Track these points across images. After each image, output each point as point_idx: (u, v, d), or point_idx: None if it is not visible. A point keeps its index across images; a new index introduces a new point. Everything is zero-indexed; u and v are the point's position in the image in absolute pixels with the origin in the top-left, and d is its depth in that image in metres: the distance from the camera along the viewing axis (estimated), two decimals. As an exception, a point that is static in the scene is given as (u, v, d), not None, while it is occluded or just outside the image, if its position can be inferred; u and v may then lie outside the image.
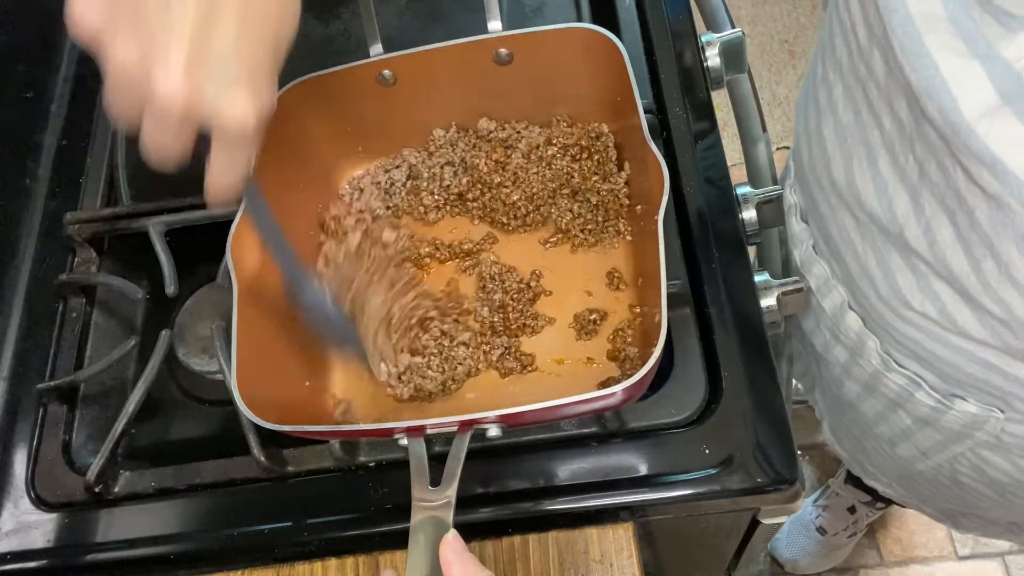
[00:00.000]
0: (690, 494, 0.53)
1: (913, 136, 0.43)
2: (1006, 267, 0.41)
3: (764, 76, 1.72)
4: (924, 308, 0.51)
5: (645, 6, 0.71)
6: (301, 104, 0.60)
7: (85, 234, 0.68)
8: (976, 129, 0.36)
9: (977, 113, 0.36)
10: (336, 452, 0.57)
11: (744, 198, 0.63)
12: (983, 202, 0.40)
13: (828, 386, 0.76)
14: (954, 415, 0.58)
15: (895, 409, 0.65)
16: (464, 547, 0.41)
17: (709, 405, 0.55)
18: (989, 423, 0.56)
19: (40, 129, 0.76)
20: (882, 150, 0.47)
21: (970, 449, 0.61)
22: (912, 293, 0.51)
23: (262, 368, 0.53)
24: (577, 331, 0.59)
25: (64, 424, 0.63)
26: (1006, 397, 0.53)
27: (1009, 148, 0.35)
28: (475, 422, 0.46)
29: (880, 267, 0.53)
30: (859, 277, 0.56)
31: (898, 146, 0.45)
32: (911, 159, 0.44)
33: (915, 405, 0.61)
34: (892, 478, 0.81)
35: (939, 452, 0.65)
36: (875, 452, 0.77)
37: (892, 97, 0.44)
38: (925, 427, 0.63)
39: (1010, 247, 0.40)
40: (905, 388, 0.60)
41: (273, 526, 0.56)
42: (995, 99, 0.35)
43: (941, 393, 0.58)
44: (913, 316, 0.52)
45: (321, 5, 0.78)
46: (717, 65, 0.68)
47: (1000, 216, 0.39)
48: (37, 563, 0.57)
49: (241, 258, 0.54)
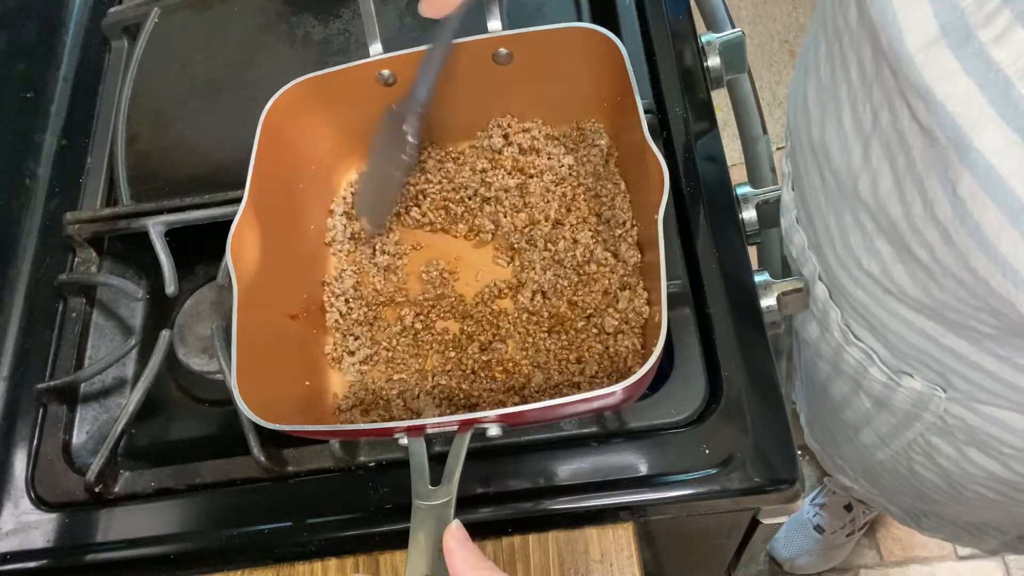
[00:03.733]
0: (690, 494, 0.53)
1: (873, 82, 0.45)
2: (931, 205, 0.42)
3: (764, 76, 1.72)
4: (870, 267, 0.51)
5: (645, 6, 0.71)
6: (301, 104, 0.60)
7: (85, 234, 0.68)
8: (915, 60, 0.38)
9: (918, 44, 0.37)
10: (336, 452, 0.57)
11: (744, 198, 0.63)
12: (919, 138, 0.41)
13: (804, 370, 0.77)
14: (903, 393, 0.58)
15: (856, 390, 0.65)
16: (467, 537, 0.41)
17: (709, 405, 0.55)
18: (933, 402, 0.57)
19: (40, 129, 0.76)
20: (846, 104, 0.48)
21: (920, 435, 0.62)
22: (860, 252, 0.52)
23: (262, 368, 0.53)
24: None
25: (64, 424, 0.63)
26: (946, 373, 0.53)
27: (939, 79, 0.37)
28: (475, 421, 0.46)
29: (838, 227, 0.54)
30: (823, 240, 0.57)
31: (860, 97, 0.47)
32: (867, 108, 0.46)
33: (870, 383, 0.61)
34: (858, 471, 0.82)
35: (895, 438, 0.65)
36: (843, 441, 0.78)
37: (860, 44, 0.45)
38: (882, 410, 0.64)
39: (935, 184, 0.41)
40: (860, 363, 0.61)
41: (273, 526, 0.56)
42: (935, 31, 0.37)
43: (891, 368, 0.58)
44: (862, 277, 0.53)
45: (321, 5, 0.78)
46: (717, 65, 0.68)
47: (932, 152, 0.40)
48: (37, 563, 0.57)
49: (241, 258, 0.54)
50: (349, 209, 0.65)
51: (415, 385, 0.58)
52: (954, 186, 0.39)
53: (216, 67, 0.77)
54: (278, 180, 0.60)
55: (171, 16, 0.81)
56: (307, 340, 0.60)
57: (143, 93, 0.76)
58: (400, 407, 0.57)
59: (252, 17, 0.79)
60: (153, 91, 0.76)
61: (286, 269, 0.59)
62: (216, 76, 0.76)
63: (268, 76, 0.71)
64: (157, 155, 0.73)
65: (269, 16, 0.79)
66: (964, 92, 0.36)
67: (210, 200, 0.66)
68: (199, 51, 0.78)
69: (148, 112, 0.75)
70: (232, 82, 0.75)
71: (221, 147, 0.72)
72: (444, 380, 0.58)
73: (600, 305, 0.57)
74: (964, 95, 0.36)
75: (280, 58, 0.76)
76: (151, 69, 0.77)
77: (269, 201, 0.58)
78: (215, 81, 0.76)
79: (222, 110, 0.74)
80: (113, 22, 0.81)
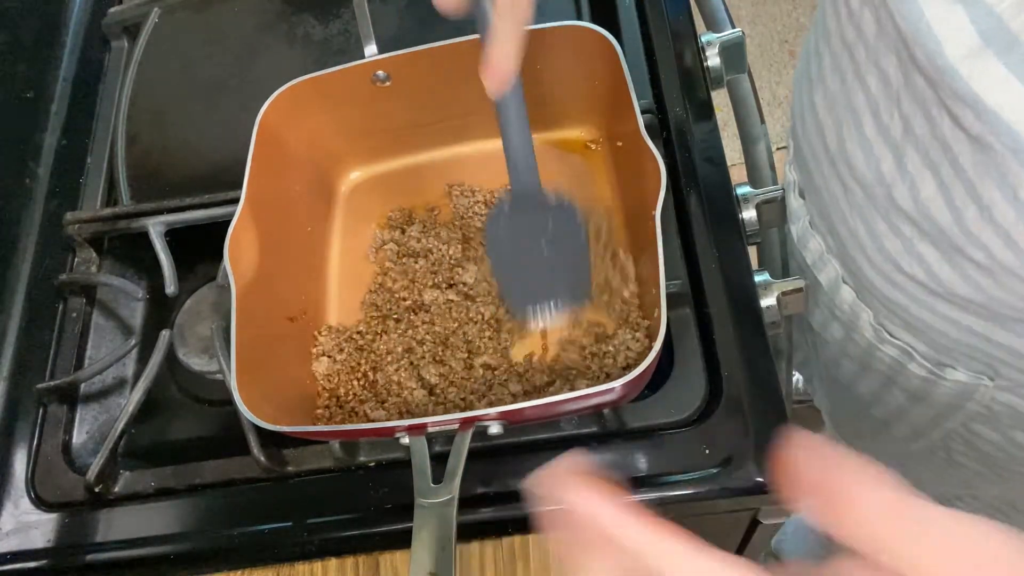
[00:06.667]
0: (690, 494, 0.53)
1: (900, 91, 0.44)
2: (988, 211, 0.42)
3: (764, 76, 1.72)
4: (912, 270, 0.51)
5: (645, 6, 0.71)
6: (297, 106, 0.60)
7: (85, 234, 0.68)
8: (959, 70, 0.37)
9: (960, 54, 0.37)
10: (336, 452, 0.57)
11: (744, 198, 0.63)
12: (967, 146, 0.41)
13: (827, 369, 0.77)
14: (945, 385, 0.58)
15: (889, 386, 0.65)
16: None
17: (709, 405, 0.55)
18: (979, 392, 0.56)
19: (40, 129, 0.76)
20: (867, 113, 0.48)
21: (962, 424, 0.61)
22: (900, 256, 0.52)
23: (262, 368, 0.53)
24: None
25: (64, 424, 0.63)
26: (994, 364, 0.53)
27: (990, 88, 0.37)
28: (476, 419, 0.47)
29: (869, 235, 0.54)
30: (851, 247, 0.57)
31: (883, 105, 0.46)
32: (896, 116, 0.45)
33: (907, 378, 0.61)
34: (889, 465, 0.81)
35: (932, 430, 0.65)
36: (871, 436, 0.77)
37: (880, 55, 0.45)
38: (918, 403, 0.63)
39: (992, 190, 0.41)
40: (897, 360, 0.60)
41: (273, 526, 0.56)
42: (976, 41, 0.36)
43: (932, 363, 0.58)
44: (903, 280, 0.53)
45: (321, 5, 0.78)
46: (717, 65, 0.68)
47: (983, 159, 0.40)
48: (37, 563, 0.57)
49: (239, 260, 0.54)
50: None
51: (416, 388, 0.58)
52: (1015, 191, 0.39)
53: (216, 67, 0.77)
54: (275, 182, 0.60)
55: (171, 16, 0.81)
56: (307, 342, 0.60)
57: (143, 93, 0.76)
58: (399, 405, 0.57)
59: (252, 17, 0.79)
60: (153, 91, 0.76)
61: (284, 271, 0.59)
62: (216, 76, 0.76)
63: (268, 76, 0.71)
64: (157, 155, 0.73)
65: (269, 16, 0.79)
66: (1018, 98, 0.36)
67: (210, 200, 0.66)
68: (199, 51, 0.78)
69: (148, 112, 0.75)
70: (232, 82, 0.75)
71: (221, 147, 0.72)
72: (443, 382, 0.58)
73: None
74: (1019, 101, 0.36)
75: (280, 58, 0.76)
76: (151, 69, 0.77)
77: (266, 203, 0.58)
78: (215, 81, 0.76)
79: (222, 110, 0.74)
80: (113, 22, 0.81)
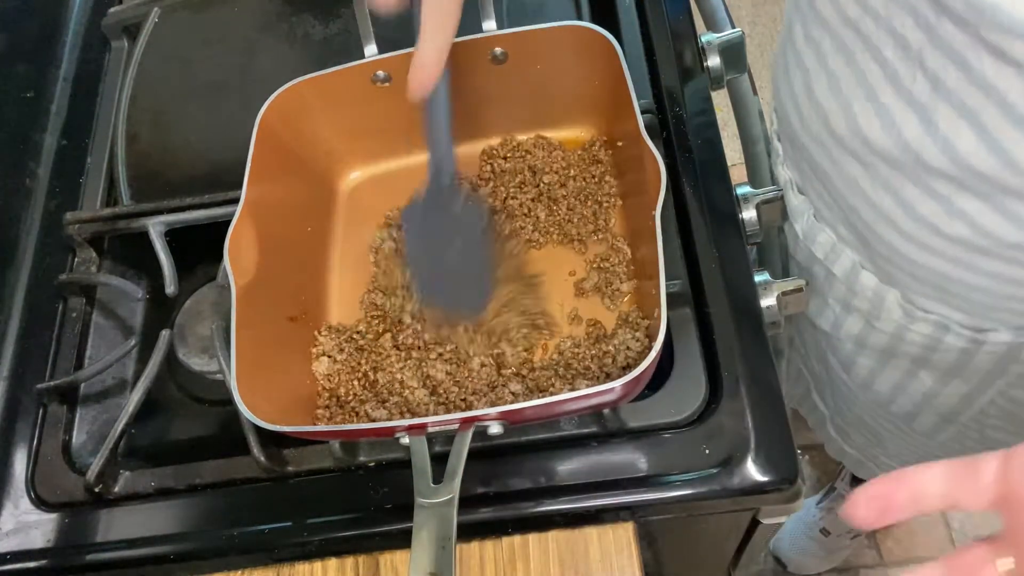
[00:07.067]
0: (690, 494, 0.53)
1: (923, 49, 0.44)
2: None
3: (764, 76, 1.71)
4: (953, 230, 0.51)
5: (645, 6, 0.71)
6: (296, 106, 0.60)
7: (85, 234, 0.68)
8: (1000, 3, 0.38)
9: None
10: (336, 452, 0.57)
11: (744, 198, 0.63)
12: (1017, 80, 0.41)
13: (833, 378, 0.76)
14: (987, 351, 0.58)
15: (916, 372, 0.64)
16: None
17: (709, 405, 0.55)
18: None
19: (40, 129, 0.76)
20: (883, 83, 0.48)
21: (1000, 393, 0.61)
22: (938, 218, 0.51)
23: (262, 368, 0.53)
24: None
25: (64, 424, 0.63)
26: None
27: None
28: (476, 419, 0.47)
29: (900, 205, 0.53)
30: (876, 224, 0.56)
31: (902, 71, 0.46)
32: (918, 78, 0.45)
33: (943, 354, 0.60)
34: (911, 462, 0.81)
35: (965, 409, 0.64)
36: (890, 437, 0.76)
37: (893, 21, 0.45)
38: (951, 381, 0.62)
39: None
40: (931, 336, 0.60)
41: (273, 526, 0.56)
42: None
43: (972, 329, 0.57)
44: (940, 244, 0.52)
45: (321, 5, 0.78)
46: (717, 65, 0.68)
47: None
48: (37, 563, 0.57)
49: (239, 260, 0.54)
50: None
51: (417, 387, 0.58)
52: None
53: (216, 67, 0.77)
54: (275, 182, 0.60)
55: (171, 16, 0.80)
56: (307, 341, 0.60)
57: (143, 93, 0.76)
58: (399, 405, 0.57)
59: (252, 17, 0.79)
60: (153, 91, 0.76)
61: (284, 271, 0.59)
62: (216, 76, 0.76)
63: (268, 76, 0.71)
64: (157, 155, 0.73)
65: (269, 16, 0.79)
66: None
67: (210, 200, 0.66)
68: (199, 51, 0.78)
69: (148, 112, 0.75)
70: (232, 82, 0.75)
71: (221, 147, 0.72)
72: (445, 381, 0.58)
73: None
74: None
75: (280, 58, 0.76)
76: (151, 69, 0.77)
77: (266, 203, 0.58)
78: (215, 81, 0.76)
79: (222, 110, 0.74)
80: (113, 22, 0.81)
